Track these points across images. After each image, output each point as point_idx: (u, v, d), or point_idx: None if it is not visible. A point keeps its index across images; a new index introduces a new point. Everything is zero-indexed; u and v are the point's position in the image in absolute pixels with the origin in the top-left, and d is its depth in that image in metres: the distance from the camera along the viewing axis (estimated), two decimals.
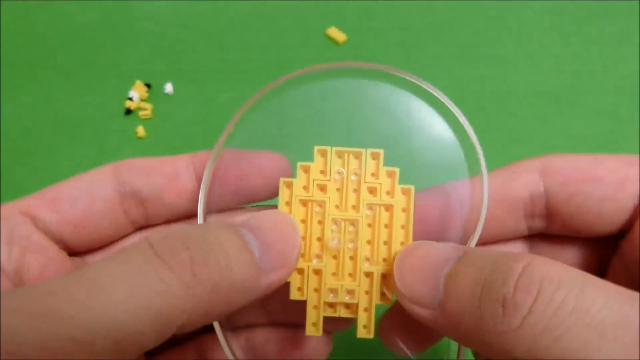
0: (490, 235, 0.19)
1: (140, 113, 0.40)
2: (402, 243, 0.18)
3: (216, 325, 0.18)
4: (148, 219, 0.21)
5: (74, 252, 0.20)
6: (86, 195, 0.20)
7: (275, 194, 0.19)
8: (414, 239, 0.18)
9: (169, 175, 0.20)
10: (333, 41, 0.45)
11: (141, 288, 0.14)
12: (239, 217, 0.17)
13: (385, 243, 0.18)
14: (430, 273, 0.15)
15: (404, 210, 0.18)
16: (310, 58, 0.43)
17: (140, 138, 0.39)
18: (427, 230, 0.19)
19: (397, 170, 0.18)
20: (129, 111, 0.40)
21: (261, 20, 0.46)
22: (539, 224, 0.19)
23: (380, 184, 0.18)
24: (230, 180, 0.20)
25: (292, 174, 0.19)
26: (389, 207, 0.18)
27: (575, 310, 0.12)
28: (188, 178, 0.20)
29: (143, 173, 0.20)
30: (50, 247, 0.19)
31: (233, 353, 0.18)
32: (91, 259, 0.21)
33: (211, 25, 0.46)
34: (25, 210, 0.19)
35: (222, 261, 0.15)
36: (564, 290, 0.13)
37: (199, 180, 0.20)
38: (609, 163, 0.18)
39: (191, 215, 0.21)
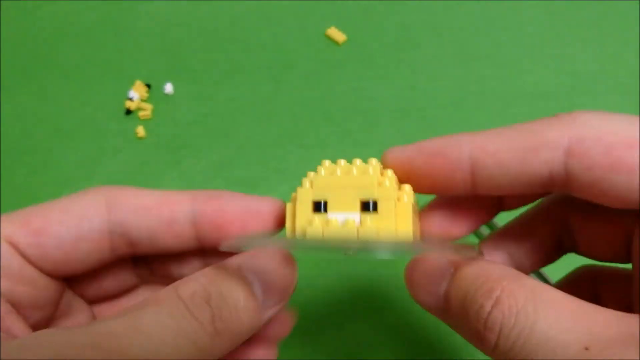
0: (511, 202, 0.20)
1: (140, 113, 0.40)
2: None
3: None
4: (136, 252, 0.21)
5: (55, 276, 0.20)
6: (74, 233, 0.19)
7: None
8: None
9: (165, 219, 0.20)
10: (333, 41, 0.45)
11: (175, 339, 0.16)
12: (246, 257, 0.19)
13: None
14: (432, 288, 0.17)
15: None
16: (310, 58, 0.43)
17: (140, 138, 0.39)
18: None
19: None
20: (129, 111, 0.40)
21: (261, 20, 0.46)
22: (558, 191, 0.18)
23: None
24: (231, 226, 0.20)
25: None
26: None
27: (530, 339, 0.14)
28: (185, 222, 0.20)
29: (138, 214, 0.20)
30: (39, 279, 0.19)
31: None
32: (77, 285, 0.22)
33: (211, 25, 0.46)
34: (8, 239, 0.19)
35: (233, 312, 0.17)
36: (519, 328, 0.14)
37: (197, 225, 0.20)
38: None
39: (181, 253, 0.21)
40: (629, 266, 0.20)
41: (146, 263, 0.23)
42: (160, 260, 0.22)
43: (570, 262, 0.23)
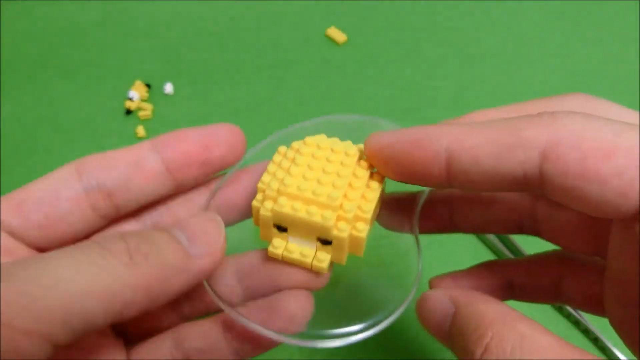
0: (488, 196, 0.21)
1: (140, 113, 0.40)
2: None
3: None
4: (118, 209, 0.21)
5: (45, 250, 0.21)
6: (51, 196, 0.20)
7: (235, 162, 0.22)
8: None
9: (132, 163, 0.21)
10: (333, 41, 0.45)
11: (86, 266, 0.16)
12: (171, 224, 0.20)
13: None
14: (439, 328, 0.18)
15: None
16: (310, 58, 0.43)
17: (140, 138, 0.39)
18: None
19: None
20: (129, 111, 0.40)
21: (261, 20, 0.46)
22: (532, 192, 0.18)
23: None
24: (195, 151, 0.21)
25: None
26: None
27: None
28: (153, 161, 0.21)
29: (106, 166, 0.21)
30: (18, 249, 0.20)
31: (220, 298, 0.20)
32: None
33: (211, 25, 0.46)
34: None
35: (153, 247, 0.18)
36: None
37: (165, 163, 0.21)
38: (626, 153, 0.15)
39: (162, 199, 0.22)
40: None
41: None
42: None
43: None
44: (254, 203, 0.19)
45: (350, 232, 0.18)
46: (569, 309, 0.31)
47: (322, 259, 0.18)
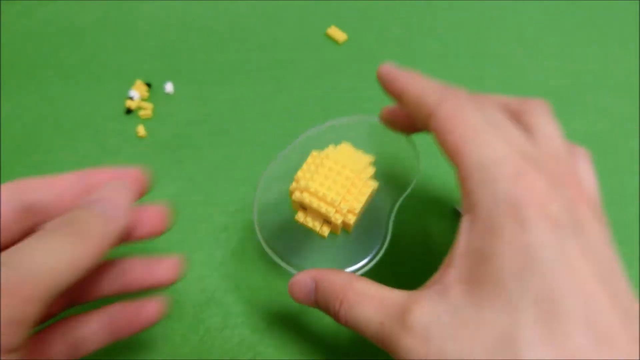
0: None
1: (141, 112, 0.40)
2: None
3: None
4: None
5: None
6: None
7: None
8: None
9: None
10: (333, 40, 0.45)
11: (50, 248, 0.21)
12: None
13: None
14: (308, 299, 0.26)
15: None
16: (310, 58, 0.44)
17: (140, 138, 0.39)
18: None
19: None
20: (129, 111, 0.40)
21: (261, 20, 0.46)
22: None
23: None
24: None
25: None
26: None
27: (355, 323, 0.23)
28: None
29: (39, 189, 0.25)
30: None
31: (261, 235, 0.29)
32: None
33: (211, 25, 0.46)
34: None
35: (83, 224, 0.22)
36: (351, 319, 0.23)
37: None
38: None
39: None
40: None
41: None
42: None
43: None
44: (290, 188, 0.28)
45: (343, 219, 0.27)
46: None
47: (325, 230, 0.28)
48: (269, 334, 0.32)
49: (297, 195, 0.27)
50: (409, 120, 0.29)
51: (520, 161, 0.21)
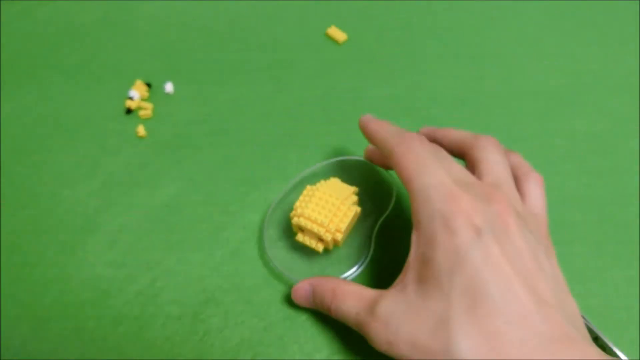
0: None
1: (141, 112, 0.40)
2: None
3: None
4: None
5: None
6: None
7: None
8: None
9: None
10: (333, 40, 0.45)
11: None
12: None
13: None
14: (306, 301, 0.32)
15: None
16: (310, 58, 0.44)
17: (140, 137, 0.39)
18: None
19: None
20: (129, 110, 0.40)
21: (261, 20, 0.46)
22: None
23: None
24: None
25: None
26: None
27: (339, 314, 0.29)
28: None
29: None
30: None
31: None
32: None
33: (211, 25, 0.46)
34: None
35: None
36: (340, 312, 0.29)
37: None
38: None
39: None
40: None
41: None
42: None
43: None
44: (291, 215, 0.33)
45: (332, 237, 0.32)
46: None
47: (319, 246, 0.32)
48: (269, 334, 0.32)
49: (295, 220, 0.32)
50: (383, 157, 0.34)
51: (452, 186, 0.26)
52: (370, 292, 0.28)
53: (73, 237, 0.35)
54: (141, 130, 0.39)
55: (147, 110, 0.40)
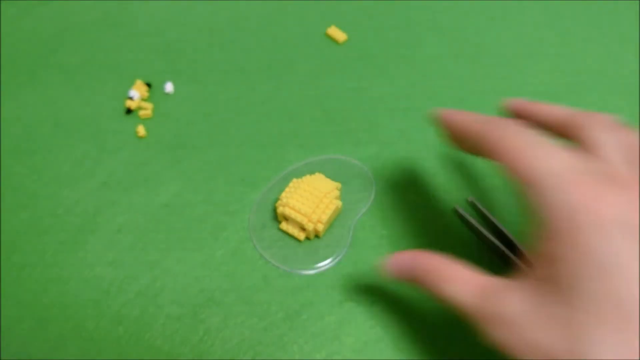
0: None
1: (141, 112, 0.40)
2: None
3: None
4: None
5: None
6: None
7: None
8: None
9: None
10: (333, 40, 0.45)
11: None
12: None
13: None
14: (404, 275, 0.29)
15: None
16: (310, 58, 0.44)
17: (140, 137, 0.39)
18: None
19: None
20: (129, 110, 0.40)
21: (261, 20, 0.46)
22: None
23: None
24: None
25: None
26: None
27: (442, 295, 0.27)
28: None
29: None
30: None
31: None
32: None
33: (211, 25, 0.46)
34: None
35: None
36: (446, 293, 0.26)
37: None
38: None
39: None
40: None
41: None
42: None
43: None
44: (276, 205, 0.35)
45: (313, 227, 0.34)
46: None
47: (301, 235, 0.35)
48: (268, 334, 0.32)
49: (280, 209, 0.34)
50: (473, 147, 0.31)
51: (577, 174, 0.23)
52: (481, 279, 0.25)
53: (73, 237, 0.35)
54: (141, 130, 0.39)
55: (147, 110, 0.40)
